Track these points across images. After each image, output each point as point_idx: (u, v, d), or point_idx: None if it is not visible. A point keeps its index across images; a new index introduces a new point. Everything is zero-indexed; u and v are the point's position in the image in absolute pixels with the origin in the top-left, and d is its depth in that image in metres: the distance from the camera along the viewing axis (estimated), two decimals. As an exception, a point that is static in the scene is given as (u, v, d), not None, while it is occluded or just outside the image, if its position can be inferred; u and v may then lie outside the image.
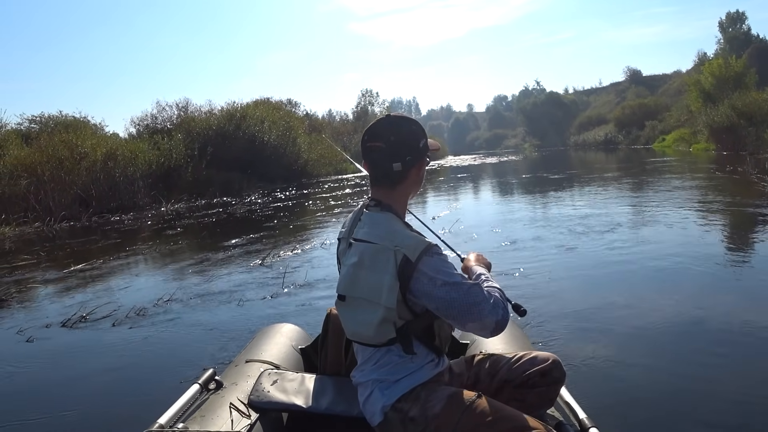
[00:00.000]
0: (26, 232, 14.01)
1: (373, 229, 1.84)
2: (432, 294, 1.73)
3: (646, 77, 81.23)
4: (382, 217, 1.87)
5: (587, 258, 7.08)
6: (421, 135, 1.91)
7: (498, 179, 25.64)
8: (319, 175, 30.78)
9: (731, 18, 55.38)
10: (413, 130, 1.90)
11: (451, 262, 1.82)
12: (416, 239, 1.79)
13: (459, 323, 1.77)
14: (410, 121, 1.92)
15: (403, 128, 1.89)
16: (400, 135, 1.87)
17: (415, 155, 1.88)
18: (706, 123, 32.03)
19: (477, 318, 1.73)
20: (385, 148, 1.85)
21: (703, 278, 5.82)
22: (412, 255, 1.73)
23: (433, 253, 1.76)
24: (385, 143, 1.86)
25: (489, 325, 1.75)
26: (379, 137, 1.87)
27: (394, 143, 1.85)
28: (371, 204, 1.92)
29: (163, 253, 10.18)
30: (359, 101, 54.52)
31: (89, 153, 18.40)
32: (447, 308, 1.74)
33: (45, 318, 5.93)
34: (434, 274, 1.73)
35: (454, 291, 1.73)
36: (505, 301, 1.83)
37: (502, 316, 1.75)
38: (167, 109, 28.08)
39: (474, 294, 1.74)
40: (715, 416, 3.07)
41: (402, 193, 1.93)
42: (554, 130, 79.78)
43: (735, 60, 36.46)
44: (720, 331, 4.27)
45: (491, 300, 1.75)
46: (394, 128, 1.88)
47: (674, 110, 50.28)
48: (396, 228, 1.83)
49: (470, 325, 1.76)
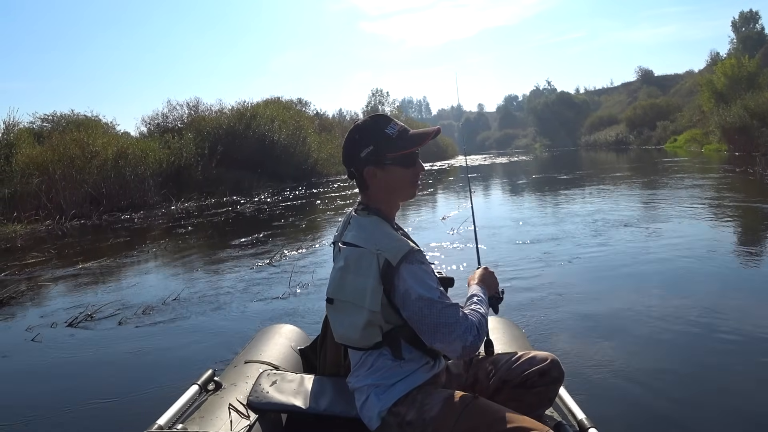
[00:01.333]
0: (37, 230, 14.12)
1: (358, 232, 1.84)
2: (405, 304, 1.73)
3: (658, 77, 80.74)
4: (368, 221, 1.87)
5: (589, 257, 7.07)
6: (363, 144, 1.88)
7: (508, 179, 25.57)
8: (329, 174, 30.81)
9: (744, 17, 55.01)
10: (355, 140, 1.90)
11: (431, 273, 1.79)
12: (398, 243, 1.77)
13: (426, 339, 1.75)
14: (355, 130, 1.93)
15: (347, 139, 1.93)
16: (345, 146, 1.93)
17: (357, 164, 1.89)
18: (718, 123, 31.74)
19: (444, 339, 1.72)
20: (343, 156, 1.94)
21: (707, 279, 5.81)
22: (393, 259, 1.72)
23: (414, 260, 1.75)
24: (342, 154, 1.94)
25: (455, 350, 1.74)
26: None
27: (343, 154, 1.93)
28: (359, 208, 1.93)
29: (173, 251, 10.23)
30: (369, 100, 54.84)
31: (100, 152, 18.53)
32: (416, 322, 1.73)
33: (53, 316, 5.97)
34: (411, 283, 1.71)
35: (426, 307, 1.71)
36: (482, 329, 1.78)
37: (471, 343, 1.72)
38: (178, 109, 28.32)
39: (446, 315, 1.71)
40: (715, 416, 3.06)
41: (378, 196, 1.91)
42: (565, 131, 79.40)
43: (748, 60, 36.10)
44: (721, 331, 4.25)
45: (464, 324, 1.72)
46: (345, 140, 1.94)
47: (686, 111, 49.92)
48: (381, 231, 1.82)
49: (437, 344, 1.74)
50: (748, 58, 36.88)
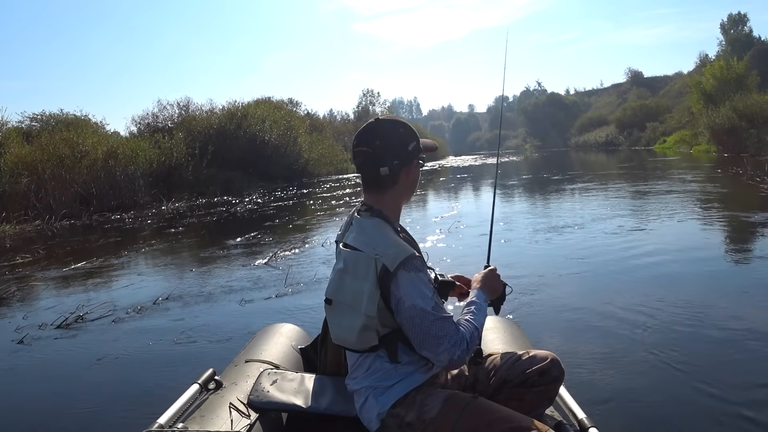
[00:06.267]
0: (27, 230, 14.01)
1: (359, 235, 1.83)
2: (398, 310, 1.73)
3: (648, 78, 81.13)
4: (369, 224, 1.85)
5: (588, 257, 7.08)
6: (410, 138, 1.88)
7: (499, 180, 25.57)
8: (319, 174, 30.79)
9: (733, 20, 55.27)
10: (401, 133, 1.86)
11: (427, 282, 1.78)
12: (397, 249, 1.75)
13: (415, 347, 1.75)
14: (398, 124, 1.89)
15: (389, 132, 1.85)
16: (386, 139, 1.84)
17: (402, 159, 1.85)
18: (707, 125, 31.97)
19: (432, 350, 1.72)
20: (371, 152, 1.83)
21: (705, 279, 5.83)
22: (391, 265, 1.71)
23: (411, 267, 1.73)
24: (371, 148, 1.84)
25: (442, 361, 1.74)
26: (365, 142, 1.85)
27: (380, 147, 1.83)
28: (362, 209, 1.91)
29: (164, 252, 10.18)
30: (360, 101, 54.87)
31: (90, 151, 18.40)
32: (407, 329, 1.73)
33: (44, 317, 5.91)
34: (406, 291, 1.71)
35: (418, 317, 1.70)
36: (472, 342, 1.77)
37: (458, 357, 1.72)
38: (168, 108, 28.19)
39: (438, 327, 1.71)
40: (715, 416, 3.06)
41: (393, 198, 1.90)
42: (555, 131, 79.73)
43: (736, 62, 36.34)
44: (720, 331, 4.27)
45: (454, 338, 1.71)
46: (381, 132, 1.85)
47: (675, 112, 50.21)
48: (381, 235, 1.80)
49: (425, 353, 1.75)
50: (737, 59, 37.13)
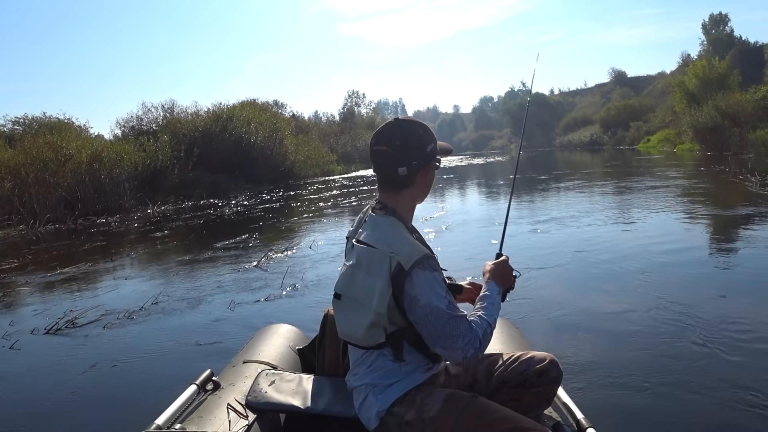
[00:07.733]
0: (10, 234, 13.86)
1: (373, 232, 1.83)
2: (412, 308, 1.72)
3: (631, 78, 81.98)
4: (384, 222, 1.85)
5: (585, 258, 7.08)
6: (429, 139, 1.88)
7: (485, 180, 25.71)
8: (306, 176, 30.73)
9: (714, 20, 55.99)
10: (420, 134, 1.87)
11: (441, 281, 1.79)
12: (413, 248, 1.76)
13: (429, 344, 1.76)
14: (418, 125, 1.89)
15: (409, 132, 1.86)
16: (406, 139, 1.84)
17: (421, 160, 1.86)
18: (690, 124, 32.39)
19: (446, 348, 1.73)
20: (390, 152, 1.84)
21: (703, 278, 5.87)
22: (406, 263, 1.71)
23: (426, 266, 1.73)
24: (390, 147, 1.84)
25: (455, 358, 1.77)
26: (384, 141, 1.86)
27: (399, 147, 1.83)
28: (377, 207, 1.90)
29: (151, 255, 10.11)
30: (346, 102, 54.69)
31: (74, 155, 18.26)
32: (421, 328, 1.73)
33: (33, 322, 5.85)
34: (421, 290, 1.71)
35: (432, 315, 1.71)
36: (485, 340, 1.78)
37: (471, 354, 1.73)
38: (153, 111, 28.04)
39: (452, 326, 1.71)
40: (714, 416, 3.09)
41: (408, 197, 1.91)
42: (540, 131, 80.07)
43: (718, 61, 36.83)
44: (719, 330, 4.28)
45: (468, 336, 1.72)
46: (401, 132, 1.85)
47: (659, 111, 50.85)
48: (395, 233, 1.81)
49: (438, 350, 1.76)
50: (719, 59, 37.62)
